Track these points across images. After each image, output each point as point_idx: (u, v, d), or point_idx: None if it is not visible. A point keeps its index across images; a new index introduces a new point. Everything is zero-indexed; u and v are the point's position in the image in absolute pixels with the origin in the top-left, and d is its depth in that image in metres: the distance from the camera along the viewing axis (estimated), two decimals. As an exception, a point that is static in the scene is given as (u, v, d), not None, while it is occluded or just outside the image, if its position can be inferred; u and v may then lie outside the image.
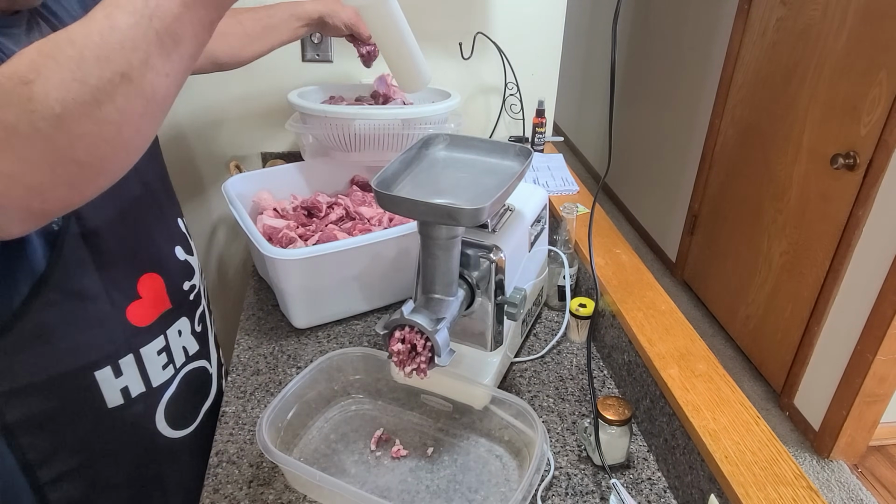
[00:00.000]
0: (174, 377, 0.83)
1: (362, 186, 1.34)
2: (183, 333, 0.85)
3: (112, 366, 0.74)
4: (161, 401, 0.81)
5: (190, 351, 0.87)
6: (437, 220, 0.76)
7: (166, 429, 0.83)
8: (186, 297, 0.85)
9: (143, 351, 0.77)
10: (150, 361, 0.78)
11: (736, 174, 2.55)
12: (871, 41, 1.83)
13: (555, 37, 1.60)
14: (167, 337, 0.81)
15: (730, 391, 0.85)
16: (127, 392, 0.76)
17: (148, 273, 0.77)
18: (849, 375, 1.99)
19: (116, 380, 0.74)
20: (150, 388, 0.79)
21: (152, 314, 0.78)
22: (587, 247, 1.11)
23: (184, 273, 0.85)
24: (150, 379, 0.79)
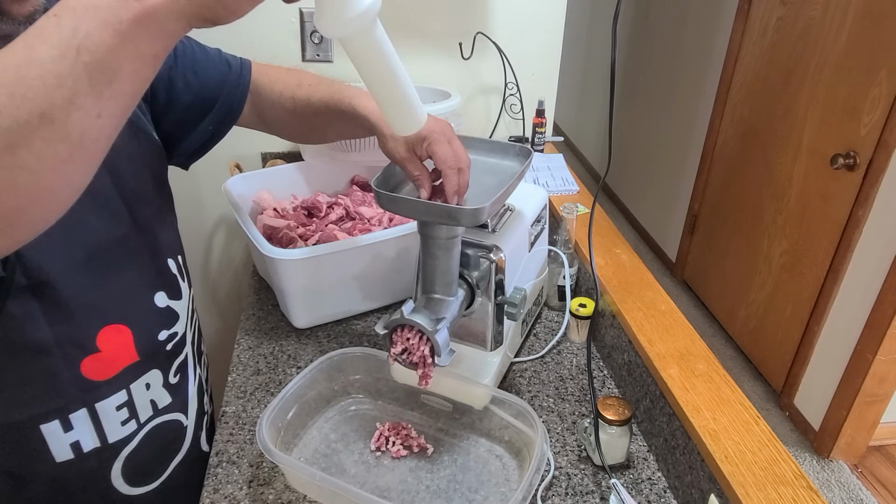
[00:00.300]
0: (136, 433, 0.76)
1: (362, 186, 1.34)
2: (152, 387, 0.76)
3: (61, 419, 0.67)
4: (118, 457, 0.74)
5: (160, 404, 0.78)
6: (437, 220, 0.76)
7: (123, 485, 0.76)
8: (161, 348, 0.77)
9: (98, 406, 0.70)
10: (107, 417, 0.71)
11: (736, 174, 2.55)
12: (871, 41, 1.83)
13: (555, 37, 1.60)
14: (130, 391, 0.73)
15: (730, 391, 0.85)
16: (78, 446, 0.70)
17: (112, 324, 0.69)
18: (849, 375, 1.99)
19: (65, 434, 0.68)
20: (106, 444, 0.72)
21: (113, 368, 0.70)
22: (587, 247, 1.11)
23: (161, 321, 0.76)
24: (106, 434, 0.72)
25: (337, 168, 1.34)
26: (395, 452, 0.86)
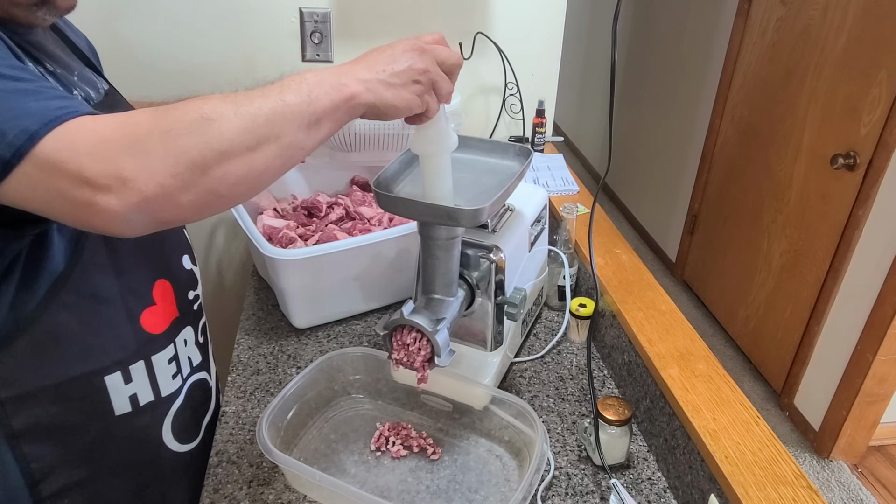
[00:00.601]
0: (182, 388, 0.82)
1: (362, 186, 1.34)
2: (188, 343, 0.84)
3: (122, 372, 0.73)
4: (169, 412, 0.81)
5: (194, 362, 0.86)
6: (437, 220, 0.76)
7: (172, 442, 0.82)
8: (191, 307, 0.85)
9: (154, 358, 0.77)
10: (161, 370, 0.78)
11: (736, 174, 2.55)
12: (871, 41, 1.83)
13: (555, 37, 1.60)
14: (176, 345, 0.80)
15: (730, 391, 0.85)
16: (135, 400, 0.75)
17: (160, 279, 0.78)
18: (849, 375, 1.99)
19: (126, 386, 0.74)
20: (159, 398, 0.78)
21: (164, 321, 0.78)
22: (587, 247, 1.11)
23: (190, 282, 0.85)
24: (160, 388, 0.78)
25: (337, 168, 1.34)
26: (394, 452, 0.86)
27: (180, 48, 1.44)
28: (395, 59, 0.61)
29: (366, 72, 0.60)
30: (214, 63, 1.46)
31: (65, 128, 0.49)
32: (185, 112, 0.51)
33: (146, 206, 0.50)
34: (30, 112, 0.49)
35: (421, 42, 0.63)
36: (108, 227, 0.51)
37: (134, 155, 0.49)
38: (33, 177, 0.49)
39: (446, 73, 0.65)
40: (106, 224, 0.51)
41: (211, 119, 0.51)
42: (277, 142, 0.54)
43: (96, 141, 0.49)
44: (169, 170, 0.50)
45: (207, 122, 0.51)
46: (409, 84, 0.62)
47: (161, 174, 0.49)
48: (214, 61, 1.46)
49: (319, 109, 0.57)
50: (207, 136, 0.51)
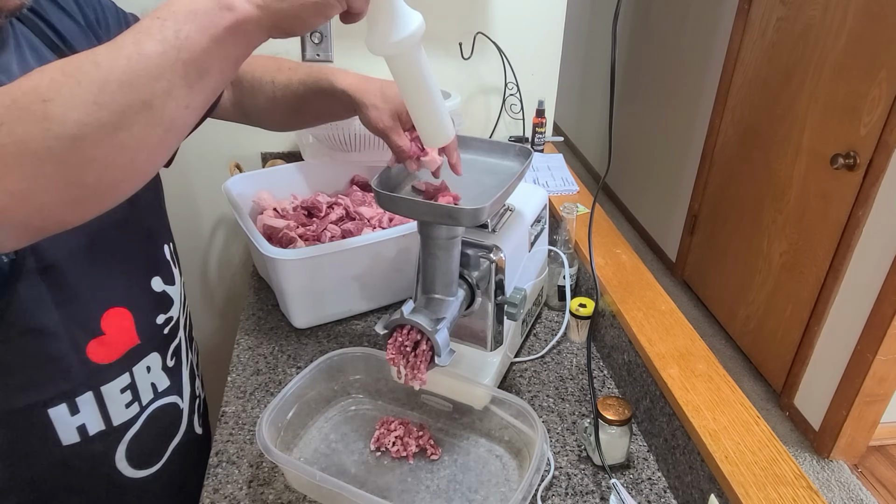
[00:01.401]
0: (139, 415, 0.78)
1: (362, 186, 1.34)
2: (152, 370, 0.79)
3: (68, 403, 0.69)
4: (123, 439, 0.76)
5: (159, 387, 0.81)
6: (437, 220, 0.76)
7: (127, 468, 0.78)
8: (159, 332, 0.79)
9: (103, 389, 0.72)
10: (112, 399, 0.73)
11: (736, 174, 2.55)
12: (871, 41, 1.83)
13: (555, 37, 1.60)
14: (133, 374, 0.75)
15: (730, 391, 0.85)
16: (84, 430, 0.71)
17: (115, 307, 0.71)
18: (849, 375, 1.99)
19: (72, 417, 0.70)
20: (111, 427, 0.74)
21: (117, 351, 0.72)
22: (587, 247, 1.11)
23: (158, 306, 0.79)
24: (112, 417, 0.74)
25: (337, 168, 1.34)
26: (395, 453, 0.86)
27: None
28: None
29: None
30: (214, 63, 1.46)
31: None
32: (17, 97, 0.41)
33: (7, 219, 0.42)
34: None
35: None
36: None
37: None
38: None
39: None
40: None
41: (47, 99, 0.41)
42: (147, 109, 0.43)
43: None
44: (12, 171, 0.41)
45: (44, 103, 0.41)
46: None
47: (6, 178, 0.41)
48: (214, 61, 1.46)
49: (199, 52, 0.45)
50: (46, 121, 0.41)
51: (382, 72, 0.66)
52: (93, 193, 0.45)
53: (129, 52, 0.43)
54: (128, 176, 0.46)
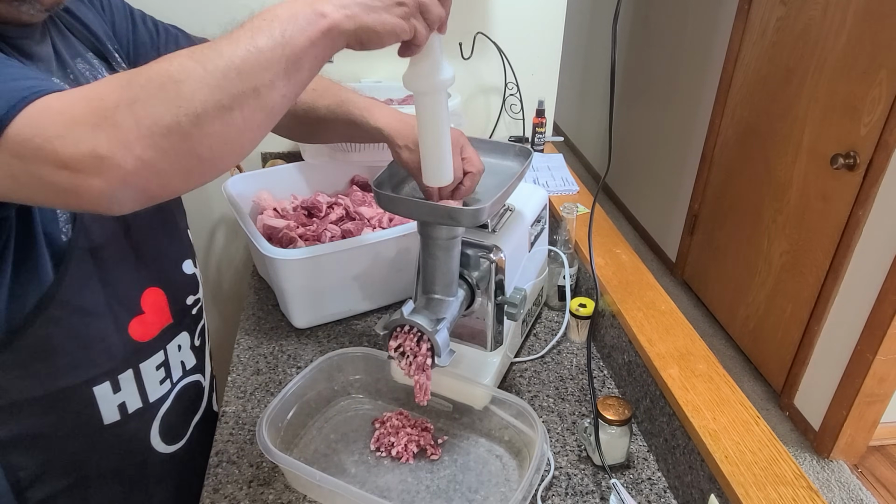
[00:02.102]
0: (170, 392, 0.82)
1: (362, 186, 1.34)
2: (182, 348, 0.84)
3: (111, 381, 0.73)
4: (157, 416, 0.80)
5: (187, 365, 0.86)
6: (437, 220, 0.76)
7: (160, 444, 0.82)
8: (189, 312, 0.84)
9: (142, 366, 0.76)
10: (149, 377, 0.77)
11: (736, 174, 2.55)
12: (871, 41, 1.83)
13: (555, 37, 1.60)
14: (167, 352, 0.80)
15: (730, 391, 0.85)
16: (124, 408, 0.75)
17: (151, 287, 0.76)
18: (849, 375, 1.99)
19: (114, 395, 0.74)
20: (147, 404, 0.78)
21: (154, 329, 0.77)
22: (587, 247, 1.11)
23: (189, 287, 0.84)
24: (148, 394, 0.78)
25: (337, 168, 1.34)
26: (395, 454, 0.86)
27: (180, 48, 1.44)
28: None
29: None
30: (214, 63, 1.46)
31: (32, 110, 0.47)
32: (151, 77, 0.48)
33: (129, 181, 0.48)
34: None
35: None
36: (98, 208, 0.50)
37: (105, 131, 0.47)
38: (9, 165, 0.48)
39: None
40: (94, 205, 0.49)
41: (179, 80, 0.48)
42: (257, 95, 0.51)
43: (65, 122, 0.47)
44: (145, 141, 0.47)
45: (175, 84, 0.48)
46: (393, 6, 0.57)
47: (138, 147, 0.47)
48: (214, 61, 1.46)
49: (298, 49, 0.52)
50: (178, 99, 0.48)
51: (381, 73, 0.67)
52: (203, 165, 0.51)
53: (246, 45, 0.50)
54: (233, 151, 0.52)
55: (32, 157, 0.47)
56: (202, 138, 0.49)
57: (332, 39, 0.54)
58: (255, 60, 0.50)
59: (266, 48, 0.51)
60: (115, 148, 0.47)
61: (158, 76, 0.48)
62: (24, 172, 0.48)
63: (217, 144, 0.50)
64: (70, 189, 0.48)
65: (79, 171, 0.47)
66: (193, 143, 0.49)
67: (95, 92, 0.49)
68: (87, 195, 0.48)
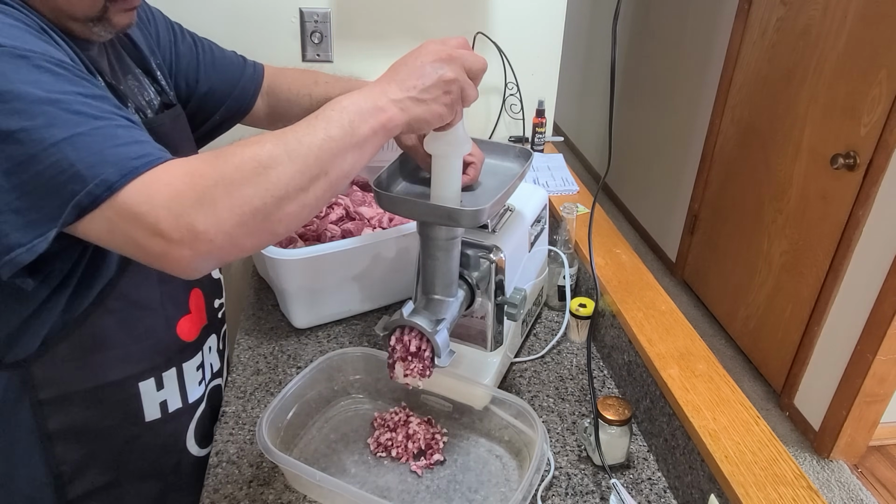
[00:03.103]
0: (205, 394, 0.85)
1: (362, 186, 1.34)
2: (212, 350, 0.86)
3: (156, 378, 0.75)
4: (194, 417, 0.83)
5: (214, 368, 0.89)
6: (437, 221, 0.76)
7: (194, 447, 0.84)
8: (216, 315, 0.87)
9: (185, 365, 0.79)
10: (190, 376, 0.80)
11: (736, 174, 2.55)
12: (871, 41, 1.83)
13: (555, 37, 1.60)
14: (203, 353, 0.83)
15: (730, 391, 0.85)
16: (165, 406, 0.78)
17: (195, 289, 0.80)
18: (849, 375, 1.99)
19: (157, 392, 0.76)
20: (187, 404, 0.81)
21: (196, 329, 0.80)
22: (587, 247, 1.11)
23: (217, 291, 0.88)
24: (188, 395, 0.81)
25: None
26: (396, 454, 0.86)
27: (180, 48, 1.44)
28: (424, 72, 0.61)
29: (398, 90, 0.61)
30: (214, 63, 1.46)
31: (142, 180, 0.51)
32: (244, 160, 0.53)
33: (214, 254, 0.53)
34: (109, 160, 0.51)
35: (448, 49, 0.63)
36: (179, 273, 0.54)
37: (203, 208, 0.51)
38: (111, 222, 0.52)
39: (471, 79, 0.65)
40: (177, 271, 0.54)
41: (268, 167, 0.53)
42: (326, 176, 0.56)
43: (169, 195, 0.51)
44: (235, 220, 0.52)
45: (265, 170, 0.53)
46: (440, 96, 0.62)
47: (228, 224, 0.52)
48: (214, 61, 1.46)
49: (361, 138, 0.58)
50: (267, 184, 0.53)
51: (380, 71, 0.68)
52: (274, 238, 0.57)
53: (322, 134, 0.56)
54: (299, 224, 0.58)
55: (133, 220, 0.51)
56: (281, 217, 0.55)
57: (390, 130, 0.60)
58: (329, 148, 0.56)
59: (337, 137, 0.57)
60: (211, 225, 0.52)
61: (251, 161, 0.53)
62: (121, 231, 0.52)
63: (291, 221, 0.56)
64: (160, 254, 0.52)
65: (172, 241, 0.51)
66: (273, 222, 0.55)
67: (196, 169, 0.53)
68: (174, 263, 0.53)
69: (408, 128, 0.62)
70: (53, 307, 0.65)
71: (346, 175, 0.59)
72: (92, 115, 0.53)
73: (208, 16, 1.42)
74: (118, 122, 0.55)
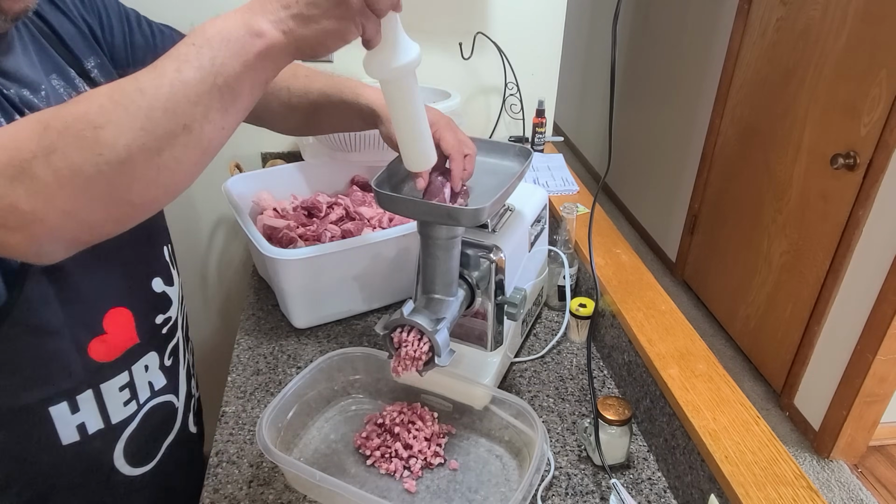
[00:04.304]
0: (136, 413, 0.79)
1: (362, 186, 1.34)
2: (150, 368, 0.80)
3: (69, 401, 0.70)
4: (121, 437, 0.77)
5: (156, 386, 0.82)
6: (437, 220, 0.76)
7: (125, 466, 0.79)
8: (158, 331, 0.81)
9: (103, 387, 0.73)
10: (111, 398, 0.74)
11: (736, 174, 2.55)
12: (871, 41, 1.83)
13: (555, 37, 1.60)
14: (132, 372, 0.77)
15: (730, 391, 0.85)
16: (83, 428, 0.72)
17: (116, 307, 0.73)
18: (849, 375, 1.99)
19: (72, 416, 0.71)
20: (109, 425, 0.75)
21: (117, 350, 0.74)
22: (587, 247, 1.11)
23: (158, 306, 0.81)
24: (110, 415, 0.75)
25: (337, 168, 1.34)
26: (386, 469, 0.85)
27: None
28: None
29: (275, 8, 0.50)
30: (214, 63, 1.46)
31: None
32: (69, 122, 0.44)
33: (55, 235, 0.46)
34: None
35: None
36: (26, 259, 0.48)
37: (23, 184, 0.43)
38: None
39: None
40: (22, 258, 0.48)
41: (98, 126, 0.44)
42: (188, 132, 0.47)
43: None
44: (65, 193, 0.44)
45: (95, 130, 0.44)
46: (331, 9, 0.51)
47: (59, 199, 0.44)
48: (214, 61, 1.46)
49: (231, 78, 0.47)
50: (98, 146, 0.44)
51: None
52: (135, 210, 0.49)
53: (170, 78, 0.45)
54: (167, 193, 0.50)
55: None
56: (130, 184, 0.46)
57: (272, 60, 0.50)
58: (182, 95, 0.46)
59: (193, 80, 0.46)
60: (36, 202, 0.44)
61: (77, 122, 0.44)
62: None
63: (147, 189, 0.47)
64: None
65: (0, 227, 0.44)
66: (121, 190, 0.46)
67: (12, 139, 0.45)
68: (12, 249, 0.46)
69: (298, 54, 0.52)
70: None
71: (220, 128, 0.49)
72: None
73: (207, 15, 1.42)
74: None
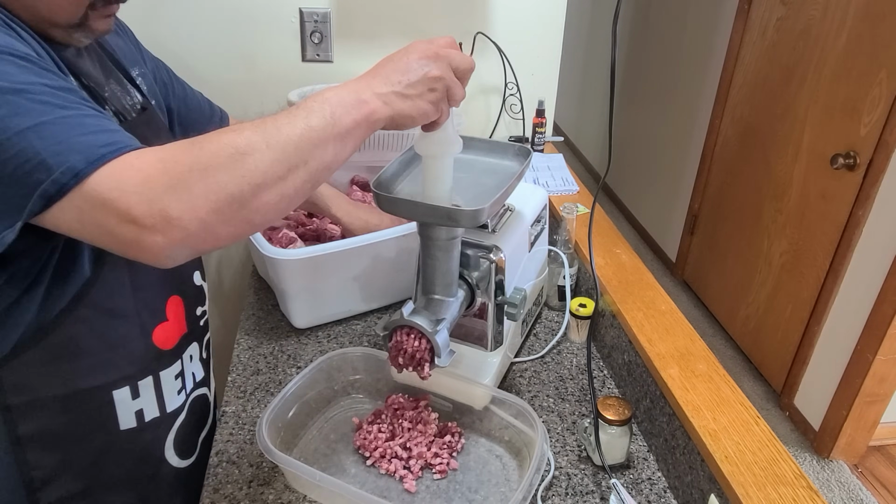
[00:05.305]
0: (185, 403, 0.83)
1: (362, 186, 1.34)
2: (193, 359, 0.85)
3: (131, 386, 0.74)
4: (172, 427, 0.81)
5: (197, 377, 0.87)
6: (437, 221, 0.76)
7: (174, 458, 0.83)
8: (198, 323, 0.86)
9: (162, 374, 0.77)
10: (168, 385, 0.79)
11: (736, 174, 2.55)
12: (871, 41, 1.83)
13: (555, 37, 1.60)
14: (183, 361, 0.81)
15: (730, 391, 0.85)
16: (141, 415, 0.76)
17: (174, 296, 0.79)
18: (849, 375, 1.99)
19: (133, 401, 0.75)
20: (164, 414, 0.79)
21: (174, 337, 0.79)
22: (587, 247, 1.11)
23: (199, 298, 0.86)
24: (166, 404, 0.79)
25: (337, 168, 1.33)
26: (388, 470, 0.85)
27: (180, 48, 1.44)
28: (410, 68, 0.61)
29: (382, 85, 0.60)
30: (214, 63, 1.46)
31: (111, 166, 0.51)
32: (220, 147, 0.53)
33: (189, 242, 0.52)
34: (76, 147, 0.51)
35: (434, 47, 0.63)
36: (152, 261, 0.53)
37: (177, 193, 0.51)
38: (80, 210, 0.51)
39: (459, 79, 0.65)
40: (150, 259, 0.53)
41: (245, 153, 0.53)
42: (306, 166, 0.56)
43: (141, 180, 0.51)
44: (210, 206, 0.52)
45: (242, 156, 0.53)
46: (425, 93, 0.62)
47: (202, 210, 0.51)
48: (214, 61, 1.46)
49: (343, 129, 0.58)
50: (243, 170, 0.53)
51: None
52: (251, 228, 0.56)
53: (302, 124, 0.56)
54: (278, 215, 0.58)
55: (103, 207, 0.51)
56: (258, 206, 0.54)
57: (372, 122, 0.60)
58: (308, 137, 0.56)
59: (318, 127, 0.56)
60: (184, 211, 0.51)
61: (227, 146, 0.53)
62: (91, 219, 0.51)
63: (269, 211, 0.55)
64: (132, 241, 0.51)
65: (144, 228, 0.51)
66: (250, 210, 0.54)
67: (170, 155, 0.53)
68: (147, 250, 0.52)
69: (392, 123, 0.62)
70: (25, 310, 0.64)
71: (326, 166, 0.58)
72: (58, 105, 0.52)
73: (208, 15, 1.42)
74: (86, 112, 0.54)
